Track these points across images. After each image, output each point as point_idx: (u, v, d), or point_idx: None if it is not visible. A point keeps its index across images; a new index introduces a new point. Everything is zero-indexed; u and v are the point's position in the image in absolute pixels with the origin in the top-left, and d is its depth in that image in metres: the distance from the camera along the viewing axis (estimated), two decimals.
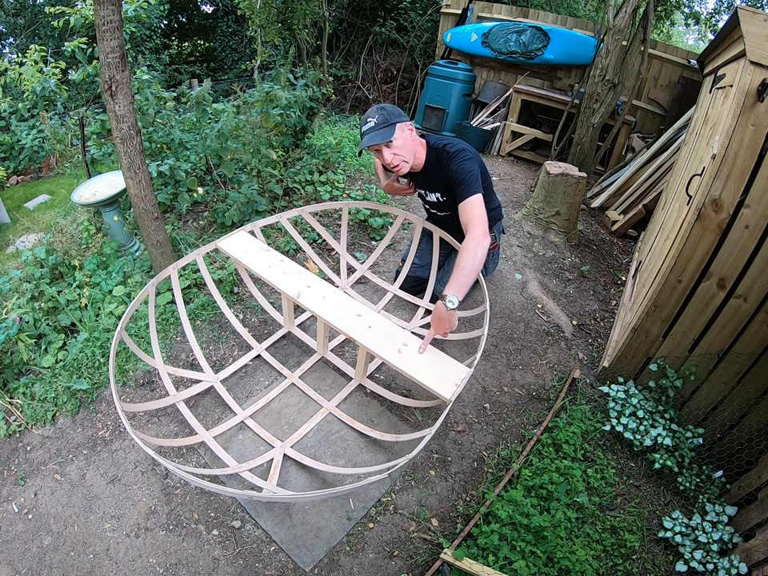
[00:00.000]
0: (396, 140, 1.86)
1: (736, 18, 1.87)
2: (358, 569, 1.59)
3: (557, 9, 6.97)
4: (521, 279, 2.81)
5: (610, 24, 3.66)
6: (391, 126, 1.85)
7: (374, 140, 1.83)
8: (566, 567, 1.56)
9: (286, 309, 2.27)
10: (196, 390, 2.06)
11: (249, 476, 1.73)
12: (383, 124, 1.84)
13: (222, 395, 2.05)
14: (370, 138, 1.84)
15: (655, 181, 3.47)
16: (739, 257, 1.71)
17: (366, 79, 6.75)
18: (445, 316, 1.63)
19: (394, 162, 1.90)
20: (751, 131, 1.57)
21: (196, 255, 2.15)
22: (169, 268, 2.07)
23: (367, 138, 1.85)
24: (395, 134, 1.85)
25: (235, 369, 2.19)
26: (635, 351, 2.11)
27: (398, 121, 1.87)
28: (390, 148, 1.87)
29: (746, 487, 1.75)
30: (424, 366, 1.66)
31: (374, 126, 1.84)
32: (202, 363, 2.14)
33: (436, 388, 1.58)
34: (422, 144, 2.03)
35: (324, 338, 2.16)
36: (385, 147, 1.87)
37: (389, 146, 1.87)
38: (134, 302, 1.86)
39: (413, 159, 1.97)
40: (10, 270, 2.83)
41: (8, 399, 2.14)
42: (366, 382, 2.13)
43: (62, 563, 1.64)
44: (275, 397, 2.08)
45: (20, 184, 5.14)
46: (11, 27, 7.24)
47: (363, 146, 1.88)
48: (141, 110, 3.03)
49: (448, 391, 1.57)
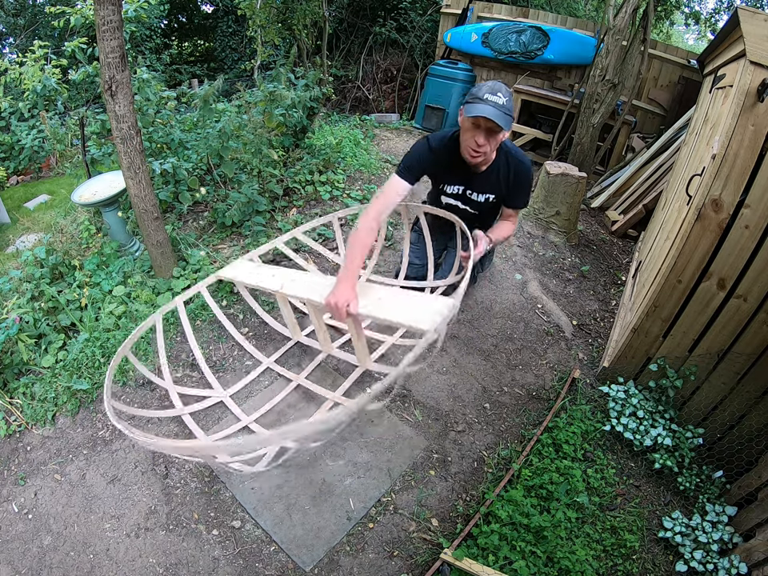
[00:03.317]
0: (501, 135, 1.65)
1: (736, 18, 1.87)
2: (357, 569, 1.59)
3: (557, 9, 6.96)
4: (521, 279, 2.81)
5: (609, 24, 3.66)
6: (511, 118, 1.62)
7: (497, 118, 1.56)
8: (566, 567, 1.56)
9: (286, 315, 2.25)
10: (205, 404, 2.05)
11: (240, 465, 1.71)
12: (509, 111, 1.60)
13: (231, 408, 2.05)
14: (494, 113, 1.56)
15: (655, 181, 3.47)
16: (739, 257, 1.71)
17: (365, 79, 6.75)
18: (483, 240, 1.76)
19: (482, 149, 1.67)
20: (751, 131, 1.57)
21: (200, 287, 2.21)
22: (176, 299, 2.13)
23: (491, 111, 1.57)
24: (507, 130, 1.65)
25: (244, 384, 2.16)
26: (635, 351, 2.11)
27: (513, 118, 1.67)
28: (493, 136, 1.64)
29: (746, 487, 1.75)
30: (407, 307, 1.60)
31: (502, 105, 1.58)
32: (210, 380, 2.13)
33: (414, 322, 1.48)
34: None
35: (324, 332, 2.14)
36: (489, 131, 1.62)
37: (495, 133, 1.62)
38: (139, 328, 1.91)
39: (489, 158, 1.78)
40: (10, 270, 2.83)
41: (8, 399, 2.14)
42: (372, 365, 2.10)
43: (62, 563, 1.64)
44: (281, 400, 2.08)
45: (20, 184, 5.14)
46: (11, 27, 7.24)
47: (485, 115, 1.56)
48: (141, 110, 3.03)
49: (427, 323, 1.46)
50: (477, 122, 1.60)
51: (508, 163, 1.82)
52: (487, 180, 1.88)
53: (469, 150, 1.69)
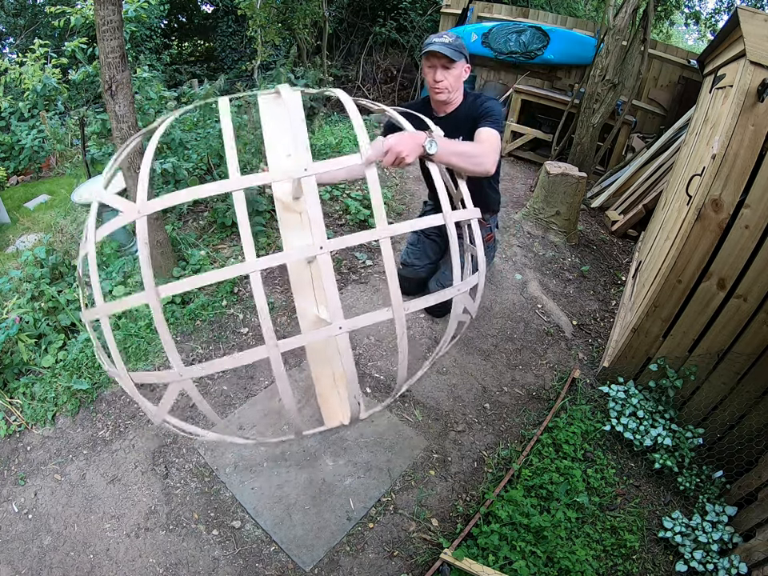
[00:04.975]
0: (455, 69, 1.89)
1: (736, 18, 1.87)
2: (357, 569, 1.59)
3: (557, 9, 6.97)
4: (521, 279, 2.81)
5: (609, 24, 3.66)
6: (461, 54, 1.87)
7: (444, 50, 1.82)
8: (566, 567, 1.56)
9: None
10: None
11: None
12: (457, 47, 1.85)
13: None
14: (441, 46, 1.83)
15: (655, 181, 3.47)
16: (739, 257, 1.71)
17: (366, 79, 6.75)
18: (416, 141, 1.30)
19: (440, 84, 1.91)
20: (751, 131, 1.57)
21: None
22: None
23: (438, 45, 1.83)
24: (458, 64, 1.88)
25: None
26: (635, 351, 2.11)
27: (465, 57, 1.90)
28: (448, 71, 1.89)
29: (746, 487, 1.75)
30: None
31: (449, 43, 1.84)
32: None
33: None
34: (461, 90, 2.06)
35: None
36: (443, 67, 1.88)
37: (448, 67, 1.88)
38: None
39: (453, 96, 1.99)
40: (10, 270, 2.83)
41: (8, 399, 2.14)
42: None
43: (62, 563, 1.64)
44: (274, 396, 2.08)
45: (20, 184, 5.14)
46: (11, 27, 7.24)
47: (431, 48, 1.84)
48: (141, 110, 3.03)
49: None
50: (428, 59, 1.88)
51: (475, 101, 2.00)
52: (455, 120, 2.05)
53: (431, 89, 1.95)
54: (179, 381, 1.21)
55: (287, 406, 1.28)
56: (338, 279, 2.71)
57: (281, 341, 1.16)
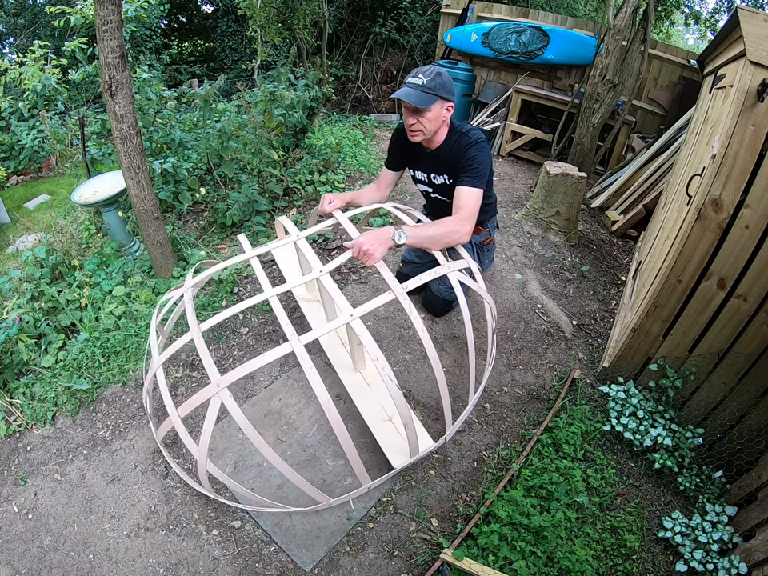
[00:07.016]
0: (429, 112, 1.84)
1: (736, 17, 1.87)
2: (358, 569, 1.59)
3: (557, 9, 6.97)
4: (521, 279, 2.81)
5: (609, 24, 3.66)
6: (434, 97, 1.82)
7: (411, 99, 1.79)
8: (566, 567, 1.56)
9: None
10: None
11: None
12: (429, 90, 1.80)
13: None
14: (407, 93, 1.80)
15: (655, 181, 3.47)
16: (739, 257, 1.71)
17: (366, 79, 6.75)
18: (383, 237, 1.63)
19: (413, 129, 1.90)
20: (751, 131, 1.57)
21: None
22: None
23: (405, 93, 1.81)
24: (432, 107, 1.83)
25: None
26: (635, 351, 2.11)
27: (443, 97, 1.85)
28: (420, 115, 1.85)
29: (745, 487, 1.75)
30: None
31: (420, 86, 1.80)
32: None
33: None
34: (447, 125, 2.01)
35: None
36: (414, 111, 1.85)
37: (420, 113, 1.84)
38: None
39: (432, 135, 1.96)
40: (10, 270, 2.83)
41: (8, 399, 2.14)
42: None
43: (62, 563, 1.64)
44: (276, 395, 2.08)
45: (20, 184, 5.14)
46: (11, 27, 7.24)
47: (398, 96, 1.82)
48: (141, 110, 3.03)
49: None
50: (401, 103, 1.86)
51: (458, 141, 1.96)
52: (437, 159, 2.05)
53: (406, 130, 1.95)
54: (216, 392, 1.43)
55: (327, 410, 1.48)
56: (339, 279, 2.71)
57: (302, 336, 1.49)
